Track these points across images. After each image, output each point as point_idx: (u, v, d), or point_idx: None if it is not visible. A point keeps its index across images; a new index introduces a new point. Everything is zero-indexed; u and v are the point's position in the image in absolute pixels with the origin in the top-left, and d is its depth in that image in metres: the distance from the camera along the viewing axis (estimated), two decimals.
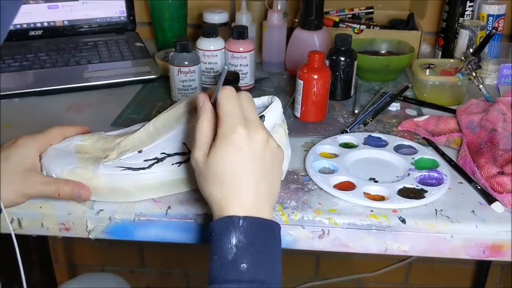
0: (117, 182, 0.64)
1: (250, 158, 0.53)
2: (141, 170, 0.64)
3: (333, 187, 0.68)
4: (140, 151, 0.64)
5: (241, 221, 0.52)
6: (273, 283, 0.52)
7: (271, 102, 0.67)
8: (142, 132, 0.66)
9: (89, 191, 0.63)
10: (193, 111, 0.63)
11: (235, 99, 0.55)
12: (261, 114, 0.65)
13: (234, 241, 0.51)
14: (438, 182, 0.69)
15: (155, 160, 0.64)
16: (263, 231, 0.53)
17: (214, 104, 0.56)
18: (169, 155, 0.64)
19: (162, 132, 0.65)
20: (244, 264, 0.50)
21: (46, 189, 0.62)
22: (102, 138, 0.68)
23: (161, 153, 0.64)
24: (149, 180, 0.64)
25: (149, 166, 0.64)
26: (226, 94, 0.55)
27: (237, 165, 0.53)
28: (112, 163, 0.64)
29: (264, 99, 0.68)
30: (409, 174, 0.70)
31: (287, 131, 0.69)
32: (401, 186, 0.68)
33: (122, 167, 0.63)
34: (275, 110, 0.65)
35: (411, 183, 0.68)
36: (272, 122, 0.65)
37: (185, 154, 0.64)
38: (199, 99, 0.57)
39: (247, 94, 0.58)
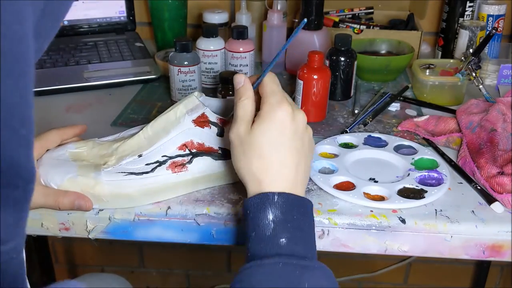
0: (121, 188, 0.63)
1: (293, 136, 0.55)
2: (144, 174, 0.63)
3: (333, 187, 0.68)
4: (140, 155, 0.63)
5: (276, 197, 0.52)
6: (311, 257, 0.52)
7: None
8: (140, 136, 0.65)
9: (90, 201, 0.62)
10: (192, 112, 0.63)
11: (278, 82, 0.58)
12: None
13: (271, 216, 0.52)
14: (438, 182, 0.69)
15: (157, 164, 0.63)
16: (298, 207, 0.53)
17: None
18: (170, 158, 0.63)
19: (161, 135, 0.64)
20: (283, 239, 0.51)
21: (45, 200, 0.61)
22: (98, 144, 0.67)
23: (162, 156, 0.63)
24: (153, 184, 0.64)
25: (152, 170, 0.63)
26: (272, 76, 0.58)
27: (280, 140, 0.54)
28: (112, 169, 0.63)
29: None
30: (409, 174, 0.70)
31: None
32: (401, 186, 0.68)
33: (124, 172, 0.63)
34: None
35: (411, 183, 0.68)
36: None
37: (187, 156, 0.64)
38: (239, 79, 0.58)
39: None
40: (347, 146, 0.78)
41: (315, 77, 0.83)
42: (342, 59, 0.92)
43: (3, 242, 0.34)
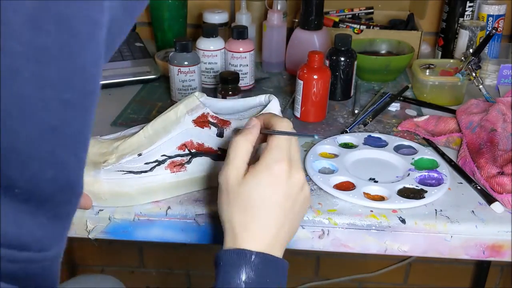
0: (120, 186, 0.63)
1: (285, 196, 0.52)
2: (143, 174, 0.63)
3: (333, 187, 0.68)
4: (139, 154, 0.64)
5: (253, 257, 0.50)
6: None
7: (269, 101, 0.67)
8: (140, 135, 0.65)
9: (90, 199, 0.62)
10: (192, 112, 0.63)
11: (289, 141, 0.54)
12: (260, 114, 0.65)
13: (243, 277, 0.49)
14: (438, 182, 0.69)
15: (156, 163, 0.63)
16: (274, 268, 0.51)
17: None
18: (170, 157, 0.64)
19: (161, 134, 0.64)
20: None
21: None
22: (98, 143, 0.66)
23: (161, 155, 0.64)
24: (151, 183, 0.64)
25: (151, 169, 0.63)
26: (287, 125, 0.54)
27: (271, 197, 0.51)
28: (112, 167, 0.63)
29: (261, 98, 0.69)
30: (409, 174, 0.70)
31: None
32: (401, 186, 0.68)
33: (123, 171, 0.63)
34: (273, 109, 0.66)
35: (411, 183, 0.68)
36: None
37: (186, 156, 0.64)
38: (253, 121, 0.55)
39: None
40: (347, 146, 0.78)
41: (315, 77, 0.83)
42: (342, 59, 0.92)
43: (50, 248, 0.37)
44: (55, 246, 0.37)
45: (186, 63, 0.88)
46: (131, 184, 0.63)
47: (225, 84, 0.87)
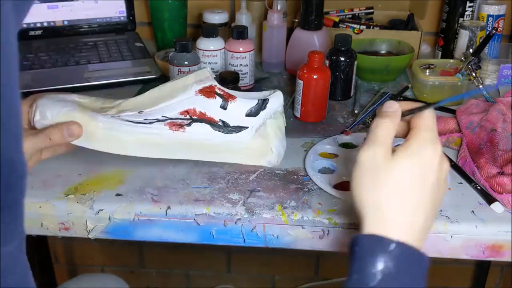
0: (116, 130, 0.63)
1: (435, 182, 0.49)
2: (141, 124, 0.64)
3: (333, 187, 0.68)
4: (140, 112, 0.64)
5: (392, 246, 0.45)
6: None
7: (273, 93, 0.70)
8: (145, 96, 0.66)
9: (80, 127, 0.61)
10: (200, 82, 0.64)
11: (435, 122, 0.51)
12: (265, 97, 0.66)
13: (380, 266, 0.45)
14: None
15: (156, 120, 0.64)
16: (415, 263, 0.47)
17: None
18: (170, 119, 0.64)
19: (166, 98, 0.65)
20: None
21: (36, 139, 0.59)
22: (100, 100, 0.68)
23: (162, 116, 0.64)
24: (147, 135, 0.64)
25: (150, 123, 0.64)
26: (433, 113, 0.51)
27: (421, 185, 0.48)
28: (110, 116, 0.64)
29: (266, 93, 0.71)
30: None
31: (285, 121, 0.73)
32: None
33: (122, 119, 0.63)
34: (278, 97, 0.69)
35: None
36: (275, 107, 0.69)
37: (187, 120, 0.64)
38: (390, 103, 0.51)
39: None
40: (347, 146, 0.78)
41: (315, 77, 0.83)
42: (342, 59, 0.92)
43: (6, 243, 0.34)
44: (10, 241, 0.35)
45: (186, 63, 0.88)
46: (127, 130, 0.63)
47: (225, 84, 0.87)
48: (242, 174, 0.71)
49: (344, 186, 0.68)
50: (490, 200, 0.66)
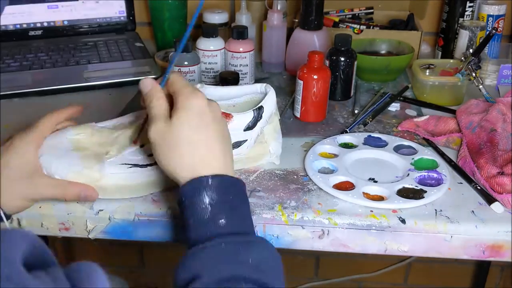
0: (126, 180, 0.64)
1: (213, 120, 0.55)
2: (148, 167, 0.64)
3: (332, 187, 0.68)
4: (141, 146, 0.64)
5: (210, 180, 0.53)
6: (251, 233, 0.54)
7: (265, 91, 0.69)
8: (135, 127, 0.66)
9: (96, 192, 0.63)
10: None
11: (184, 78, 0.58)
12: (259, 105, 0.66)
13: (207, 200, 0.52)
14: (438, 182, 0.69)
15: None
16: (232, 188, 0.54)
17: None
18: None
19: None
20: (222, 220, 0.51)
21: (52, 192, 0.61)
22: (97, 131, 0.67)
23: None
24: (156, 175, 0.65)
25: (156, 162, 0.64)
26: (176, 73, 0.58)
27: (202, 125, 0.54)
28: (115, 160, 0.63)
29: (257, 86, 0.71)
30: (408, 174, 0.70)
31: (279, 118, 0.73)
32: (400, 186, 0.68)
33: (128, 164, 0.63)
34: (271, 99, 0.68)
35: (410, 183, 0.68)
36: (269, 112, 0.68)
37: None
38: (145, 83, 0.58)
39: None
40: (347, 146, 0.78)
41: (315, 77, 0.83)
42: (342, 59, 0.92)
43: None
44: None
45: (186, 63, 0.88)
46: (138, 177, 0.64)
47: (225, 84, 0.87)
48: (242, 174, 0.71)
49: (344, 186, 0.68)
50: (490, 200, 0.66)
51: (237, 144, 0.67)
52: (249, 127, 0.67)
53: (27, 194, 0.60)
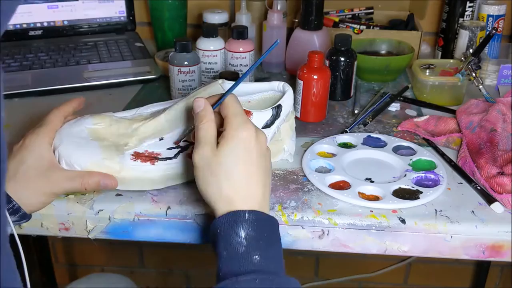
0: (146, 172, 0.64)
1: (258, 155, 0.55)
2: (168, 160, 0.64)
3: (329, 186, 0.68)
4: (161, 139, 0.65)
5: (247, 215, 0.53)
6: (282, 273, 0.53)
7: (283, 89, 0.70)
8: (162, 118, 0.66)
9: (115, 180, 0.63)
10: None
11: (240, 103, 0.58)
12: (278, 104, 0.67)
13: (243, 234, 0.52)
14: (435, 183, 0.69)
15: (179, 149, 0.65)
16: (267, 225, 0.54)
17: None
18: (192, 143, 0.64)
19: (183, 119, 0.65)
20: (256, 256, 0.51)
21: (71, 184, 0.61)
22: (115, 122, 0.67)
23: (183, 141, 0.65)
24: (175, 169, 0.65)
25: (175, 156, 0.64)
26: (233, 97, 0.58)
27: (247, 159, 0.54)
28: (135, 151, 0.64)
29: (274, 84, 0.71)
30: (405, 175, 0.70)
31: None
32: (396, 187, 0.68)
33: (149, 156, 0.64)
34: (289, 98, 0.69)
35: (407, 184, 0.68)
36: (287, 110, 0.69)
37: None
38: (199, 102, 0.57)
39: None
40: (346, 146, 0.78)
41: (315, 77, 0.83)
42: (342, 59, 0.92)
43: None
44: None
45: (186, 63, 0.88)
46: (158, 169, 0.64)
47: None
48: None
49: (340, 185, 0.68)
50: (490, 200, 0.66)
51: None
52: (267, 125, 0.67)
53: (46, 189, 0.60)
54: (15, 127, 0.83)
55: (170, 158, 0.64)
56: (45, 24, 1.14)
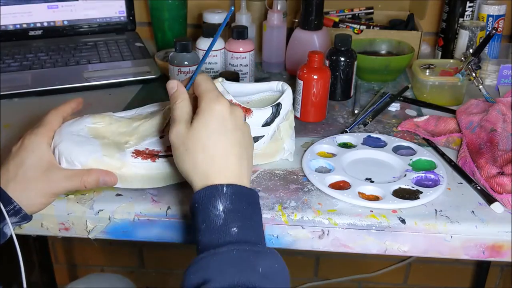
0: (147, 169, 0.64)
1: (233, 128, 0.56)
2: (169, 158, 0.64)
3: (329, 186, 0.68)
4: (161, 137, 0.65)
5: (225, 189, 0.53)
6: (262, 244, 0.54)
7: (282, 89, 0.70)
8: (161, 116, 0.66)
9: (115, 176, 0.63)
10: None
11: (212, 80, 0.59)
12: (278, 102, 0.68)
13: (221, 207, 0.52)
14: (435, 183, 0.69)
15: None
16: (246, 198, 0.54)
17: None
18: None
19: None
20: (234, 228, 0.52)
21: (71, 183, 0.61)
22: (115, 121, 0.67)
23: None
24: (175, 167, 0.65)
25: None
26: (203, 75, 0.59)
27: (221, 132, 0.55)
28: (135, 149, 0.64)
29: (273, 84, 0.71)
30: (405, 175, 0.70)
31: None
32: (396, 187, 0.68)
33: (150, 154, 0.64)
34: (288, 97, 0.69)
35: (406, 184, 0.68)
36: (286, 109, 0.69)
37: None
38: (171, 84, 0.58)
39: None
40: (346, 146, 0.78)
41: (315, 77, 0.83)
42: (342, 59, 0.92)
43: None
44: None
45: (186, 63, 0.88)
46: (159, 167, 0.64)
47: None
48: None
49: (340, 185, 0.68)
50: (490, 200, 0.66)
51: (254, 140, 0.68)
52: (267, 123, 0.67)
53: (47, 190, 0.60)
54: (14, 127, 0.83)
55: (171, 156, 0.64)
56: (45, 24, 1.14)
